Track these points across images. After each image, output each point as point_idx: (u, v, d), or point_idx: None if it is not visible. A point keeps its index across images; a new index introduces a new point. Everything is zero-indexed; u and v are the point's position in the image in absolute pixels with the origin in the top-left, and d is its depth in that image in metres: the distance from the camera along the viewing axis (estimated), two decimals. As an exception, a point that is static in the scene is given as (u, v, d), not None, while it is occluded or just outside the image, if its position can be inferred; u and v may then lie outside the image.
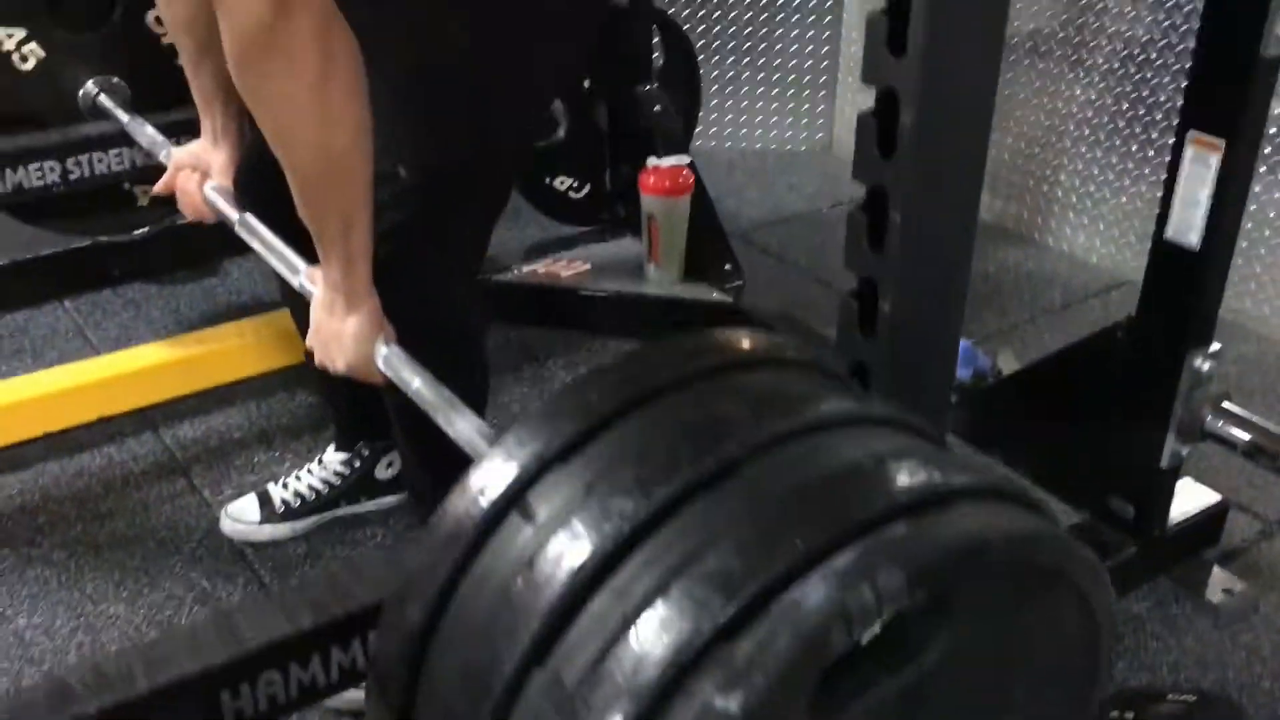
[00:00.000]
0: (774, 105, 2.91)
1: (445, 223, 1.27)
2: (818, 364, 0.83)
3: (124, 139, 1.72)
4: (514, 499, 0.69)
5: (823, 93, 2.89)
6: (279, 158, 1.08)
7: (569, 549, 0.66)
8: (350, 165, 1.08)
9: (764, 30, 2.83)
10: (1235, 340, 2.10)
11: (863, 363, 1.11)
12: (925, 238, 1.05)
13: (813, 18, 2.81)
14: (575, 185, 2.29)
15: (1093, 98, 2.33)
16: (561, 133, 2.21)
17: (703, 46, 2.82)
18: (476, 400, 1.33)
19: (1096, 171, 2.37)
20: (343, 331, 1.15)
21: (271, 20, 0.96)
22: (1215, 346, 1.40)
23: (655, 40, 2.24)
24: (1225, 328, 1.47)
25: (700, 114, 2.49)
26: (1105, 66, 2.28)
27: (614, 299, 2.12)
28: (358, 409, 1.62)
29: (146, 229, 2.18)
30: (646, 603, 0.61)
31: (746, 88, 2.89)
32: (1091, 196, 2.39)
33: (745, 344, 0.80)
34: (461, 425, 1.02)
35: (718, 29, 2.83)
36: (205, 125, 1.44)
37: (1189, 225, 1.35)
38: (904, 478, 0.67)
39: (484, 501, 0.70)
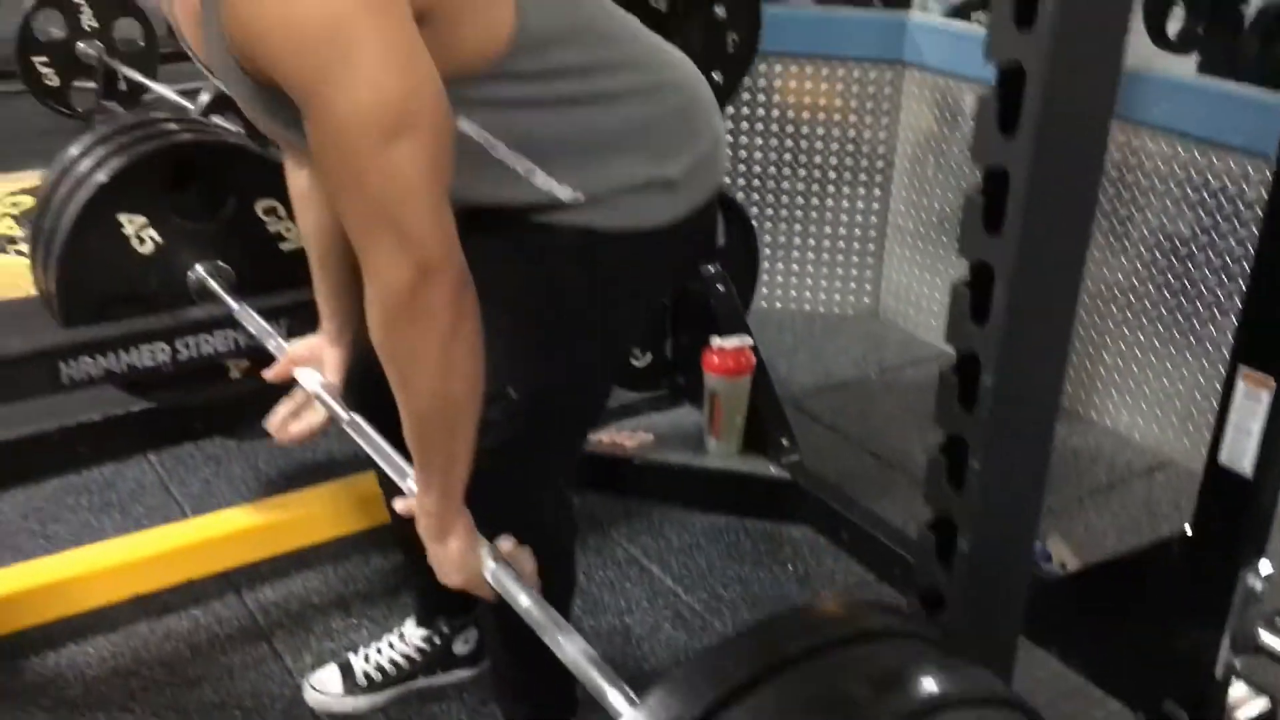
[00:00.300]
0: (824, 269, 3.03)
1: (547, 440, 1.37)
2: (922, 635, 0.91)
3: (229, 321, 1.84)
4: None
5: (870, 259, 3.01)
6: (398, 398, 1.18)
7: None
8: (463, 412, 1.17)
9: (815, 198, 2.96)
10: None
11: (949, 518, 1.15)
12: (1013, 399, 1.10)
13: (863, 189, 2.94)
14: (637, 355, 2.40)
15: (1136, 280, 2.43)
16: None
17: (757, 213, 2.96)
18: (563, 604, 1.41)
19: (1139, 352, 2.46)
20: (448, 555, 1.24)
21: (416, 284, 1.07)
22: (1268, 568, 1.47)
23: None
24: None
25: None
26: (1147, 250, 2.39)
27: (677, 470, 2.21)
28: (439, 589, 1.70)
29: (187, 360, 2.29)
30: None
31: (798, 252, 3.02)
32: (1134, 376, 2.48)
33: (861, 617, 0.89)
34: (570, 649, 1.10)
35: (771, 195, 2.97)
36: (324, 324, 1.55)
37: (1242, 453, 1.42)
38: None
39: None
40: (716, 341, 2.18)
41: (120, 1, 3.95)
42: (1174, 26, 2.95)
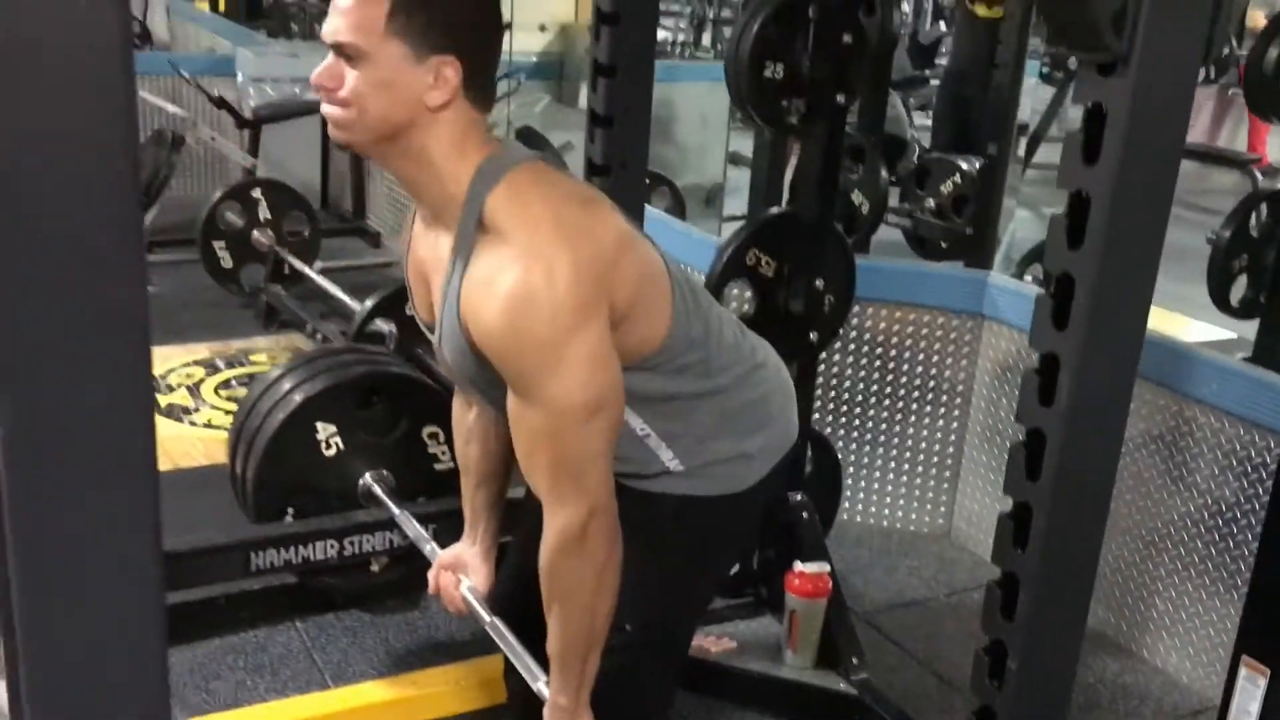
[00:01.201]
0: (902, 490, 3.30)
1: (652, 663, 1.67)
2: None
3: (388, 525, 2.19)
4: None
5: (945, 484, 3.28)
6: (554, 612, 1.48)
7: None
8: (602, 627, 1.49)
9: (898, 425, 3.26)
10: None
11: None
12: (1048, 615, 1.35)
13: (941, 420, 3.23)
14: (728, 566, 2.69)
15: (1187, 534, 2.67)
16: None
17: (844, 434, 3.26)
18: None
19: (1189, 600, 2.68)
20: None
21: (587, 523, 1.41)
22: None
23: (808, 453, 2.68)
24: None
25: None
26: (1197, 509, 2.63)
27: (755, 678, 2.48)
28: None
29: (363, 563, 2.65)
30: None
31: (879, 472, 3.30)
32: (1184, 622, 2.69)
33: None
34: None
35: (857, 420, 3.27)
36: (470, 534, 1.86)
37: (1244, 728, 1.67)
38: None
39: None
40: (799, 565, 2.47)
41: (292, 197, 4.49)
42: (1237, 294, 3.24)
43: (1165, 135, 1.21)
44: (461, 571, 1.86)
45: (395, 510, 2.19)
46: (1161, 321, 4.67)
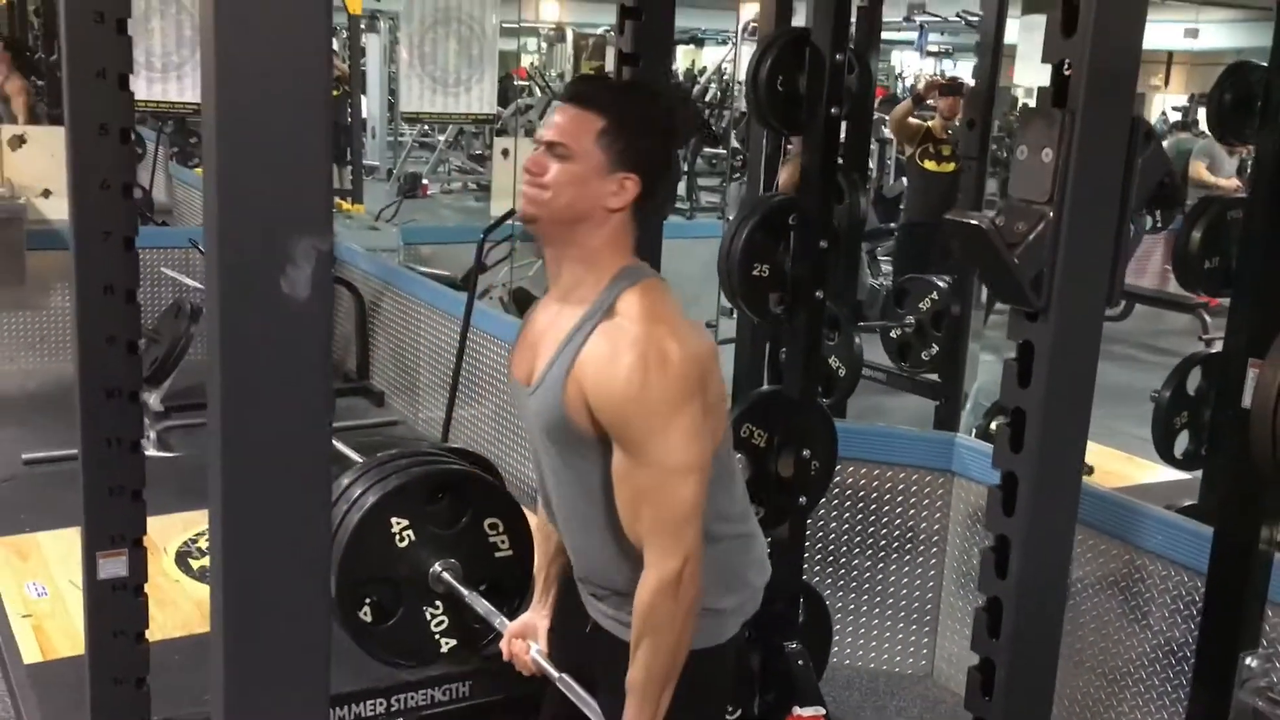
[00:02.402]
0: (886, 633, 3.57)
1: None
2: None
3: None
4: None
5: (926, 627, 3.54)
6: (639, 644, 1.72)
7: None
8: (683, 659, 1.74)
9: (880, 573, 3.54)
10: None
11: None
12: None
13: (920, 568, 3.52)
14: (730, 711, 2.93)
15: (1144, 671, 2.94)
16: (724, 670, 2.88)
17: (830, 584, 3.53)
18: None
19: (1151, 733, 2.93)
20: None
21: (682, 569, 1.68)
22: None
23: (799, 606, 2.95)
24: None
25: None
26: (1151, 649, 2.90)
27: (760, 816, 2.70)
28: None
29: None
30: None
31: (864, 618, 3.57)
32: (1148, 753, 2.94)
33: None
34: None
35: (842, 569, 3.55)
36: (540, 601, 2.10)
37: None
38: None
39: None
40: (797, 710, 2.72)
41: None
42: (1181, 446, 3.57)
43: (1079, 363, 1.54)
44: (531, 637, 2.10)
45: (465, 592, 2.49)
46: (1123, 465, 5.04)
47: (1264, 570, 1.88)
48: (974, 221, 1.46)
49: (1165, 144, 12.02)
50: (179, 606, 3.30)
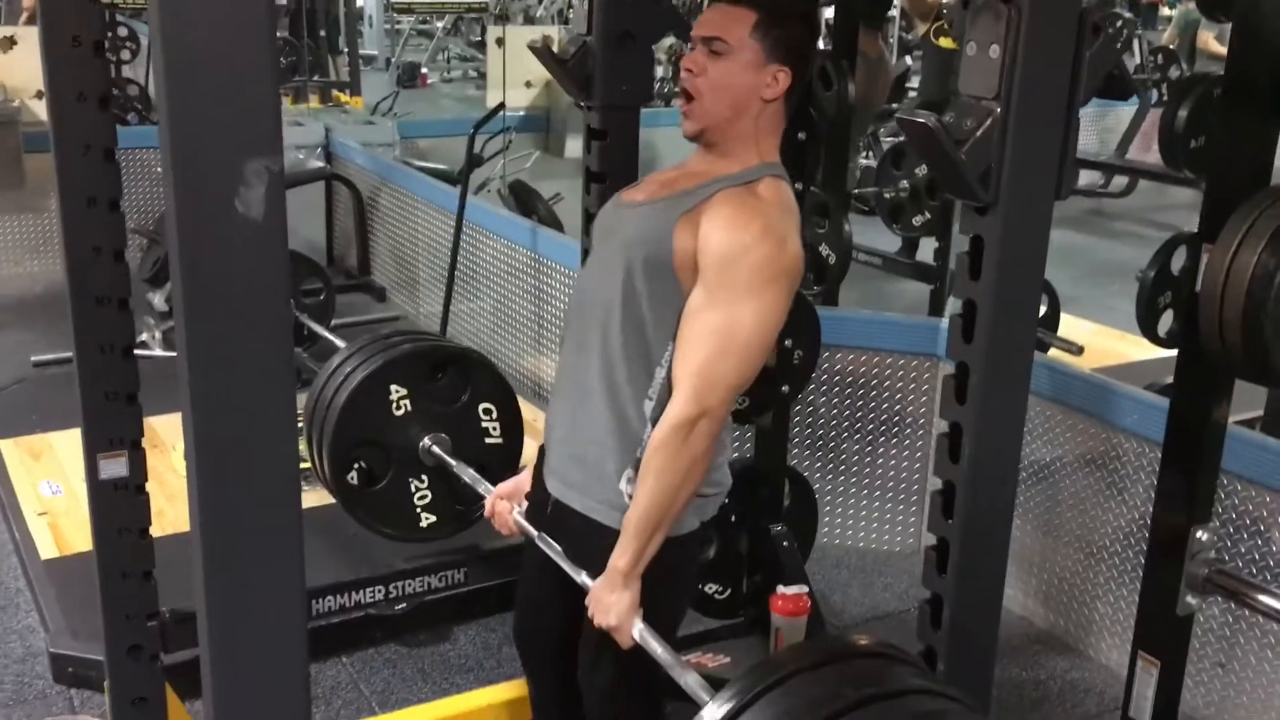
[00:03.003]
0: (875, 513, 3.67)
1: (642, 667, 1.98)
2: (906, 658, 1.44)
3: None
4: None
5: (914, 506, 3.65)
6: (643, 480, 1.80)
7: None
8: (678, 507, 1.82)
9: (868, 455, 3.63)
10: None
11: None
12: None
13: (907, 449, 3.61)
14: (720, 590, 3.05)
15: (1120, 545, 3.04)
16: (712, 553, 2.99)
17: (820, 466, 3.63)
18: None
19: (1125, 604, 3.04)
20: (616, 602, 1.83)
21: (697, 420, 1.76)
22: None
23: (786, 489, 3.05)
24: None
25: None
26: (1128, 525, 3.00)
27: (747, 688, 2.83)
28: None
29: (405, 605, 3.02)
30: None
31: (853, 498, 3.67)
32: (1122, 622, 3.06)
33: (867, 644, 1.44)
34: (688, 679, 1.72)
35: (831, 452, 3.64)
36: (526, 468, 2.18)
37: (1142, 712, 2.03)
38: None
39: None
40: (781, 589, 2.83)
41: (309, 266, 4.86)
42: (1164, 326, 3.61)
43: (1028, 256, 1.59)
44: (516, 500, 2.18)
45: (453, 463, 2.62)
46: (1116, 343, 5.09)
47: (1214, 448, 1.95)
48: (921, 120, 1.49)
49: (1174, 13, 11.79)
50: (186, 500, 3.42)
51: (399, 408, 2.73)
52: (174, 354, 1.13)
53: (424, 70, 12.80)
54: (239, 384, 1.15)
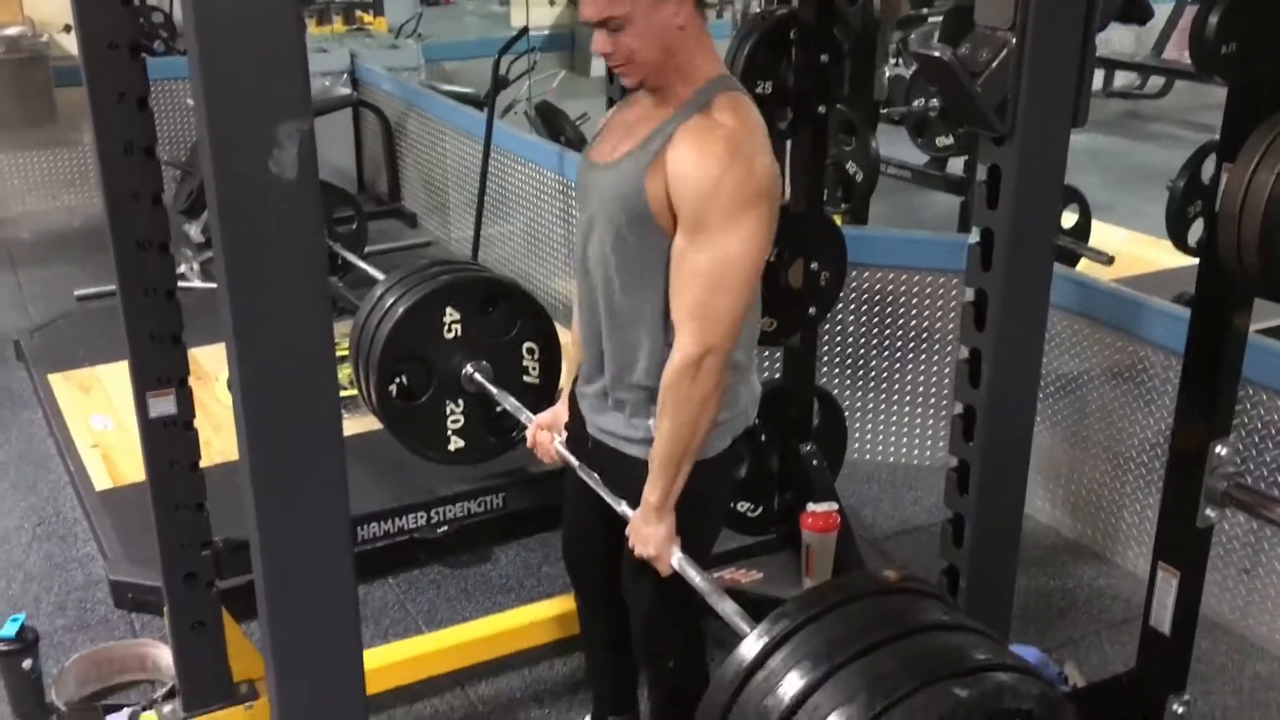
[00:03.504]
0: (904, 428, 3.72)
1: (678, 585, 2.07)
2: (933, 593, 1.49)
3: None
4: (763, 659, 1.35)
5: (942, 420, 3.69)
6: (664, 424, 1.87)
7: (791, 685, 1.30)
8: (698, 440, 1.89)
9: (896, 370, 3.67)
10: (1249, 658, 2.78)
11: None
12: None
13: (935, 365, 3.64)
14: (752, 508, 3.12)
15: (1148, 453, 3.08)
16: (743, 471, 3.06)
17: (849, 383, 3.68)
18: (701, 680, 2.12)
19: (1151, 513, 3.09)
20: (655, 533, 1.94)
21: (703, 358, 1.82)
22: (1182, 702, 2.12)
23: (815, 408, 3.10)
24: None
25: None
26: (1154, 433, 3.03)
27: (778, 602, 2.90)
28: (611, 691, 2.44)
29: (445, 528, 3.12)
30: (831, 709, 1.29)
31: (883, 413, 3.72)
32: (1148, 530, 3.10)
33: (897, 578, 1.47)
34: (725, 607, 1.82)
35: (860, 369, 3.69)
36: (565, 398, 2.26)
37: (1162, 620, 2.09)
38: (970, 656, 1.33)
39: (747, 658, 1.36)
40: (811, 506, 2.90)
41: (340, 195, 4.90)
42: (1194, 235, 3.61)
43: (1044, 186, 1.61)
44: (556, 429, 2.27)
45: (492, 389, 2.72)
46: (1148, 250, 5.06)
47: (1234, 364, 1.97)
48: (935, 54, 1.51)
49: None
50: (232, 431, 3.51)
51: (450, 330, 2.83)
52: (212, 285, 1.19)
53: (447, -14, 12.64)
54: (279, 333, 1.21)
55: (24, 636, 2.48)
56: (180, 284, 2.25)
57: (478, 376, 2.83)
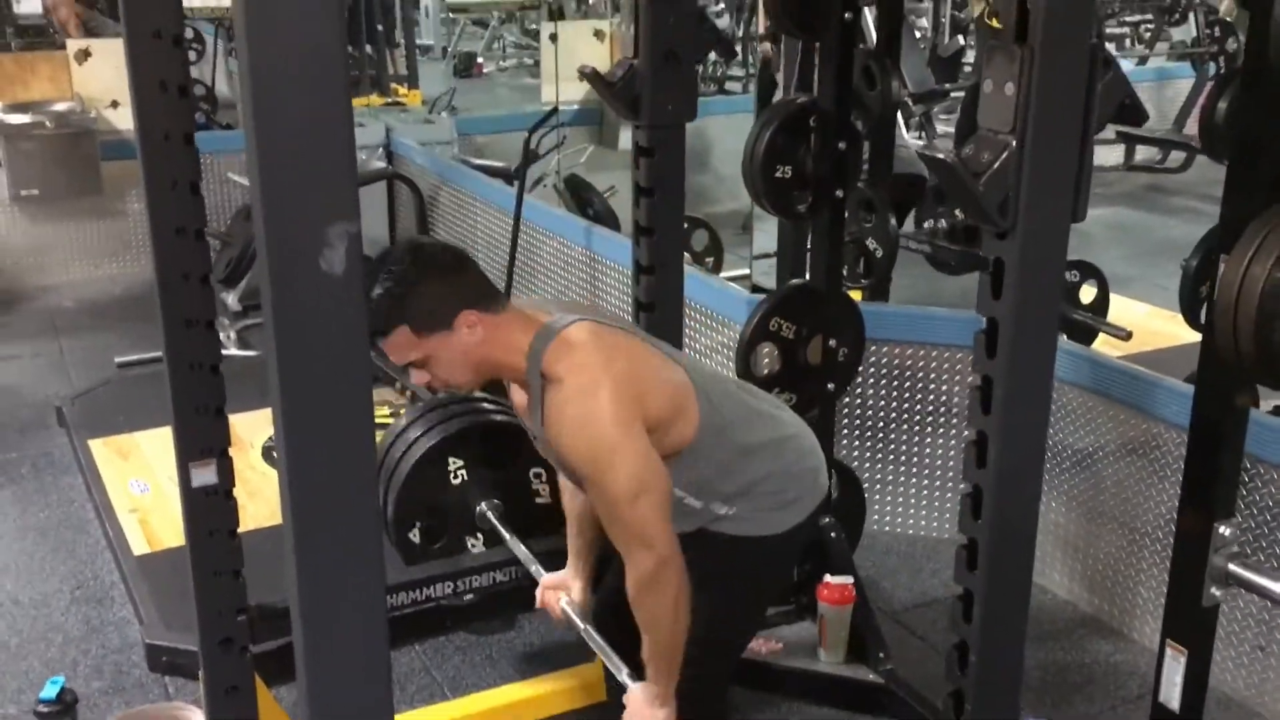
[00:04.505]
0: (923, 502, 3.78)
1: (716, 665, 2.18)
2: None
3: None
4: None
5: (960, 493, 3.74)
6: (647, 631, 2.01)
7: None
8: (681, 639, 2.01)
9: (916, 444, 3.74)
10: (1267, 738, 2.80)
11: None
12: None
13: (953, 432, 3.70)
14: (772, 579, 3.18)
15: (1163, 520, 3.12)
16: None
17: (869, 455, 3.74)
18: None
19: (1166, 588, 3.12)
20: (655, 715, 2.05)
21: (657, 570, 1.95)
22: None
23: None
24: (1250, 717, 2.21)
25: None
26: (1170, 509, 3.08)
27: (796, 673, 2.97)
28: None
29: (472, 595, 3.19)
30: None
31: (901, 485, 3.78)
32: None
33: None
34: None
35: (880, 441, 3.75)
36: (572, 565, 2.42)
37: (1171, 697, 2.13)
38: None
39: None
40: (828, 578, 2.96)
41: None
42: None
43: (1045, 278, 1.69)
44: (563, 590, 2.42)
45: (507, 535, 2.81)
46: (1167, 324, 5.11)
47: (1235, 449, 2.03)
48: (939, 155, 1.60)
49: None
50: (266, 497, 3.61)
51: (456, 477, 3.04)
52: (248, 353, 1.28)
53: (479, 60, 12.96)
54: (324, 414, 1.30)
55: (64, 699, 2.57)
56: (218, 352, 2.37)
57: (490, 515, 3.02)
